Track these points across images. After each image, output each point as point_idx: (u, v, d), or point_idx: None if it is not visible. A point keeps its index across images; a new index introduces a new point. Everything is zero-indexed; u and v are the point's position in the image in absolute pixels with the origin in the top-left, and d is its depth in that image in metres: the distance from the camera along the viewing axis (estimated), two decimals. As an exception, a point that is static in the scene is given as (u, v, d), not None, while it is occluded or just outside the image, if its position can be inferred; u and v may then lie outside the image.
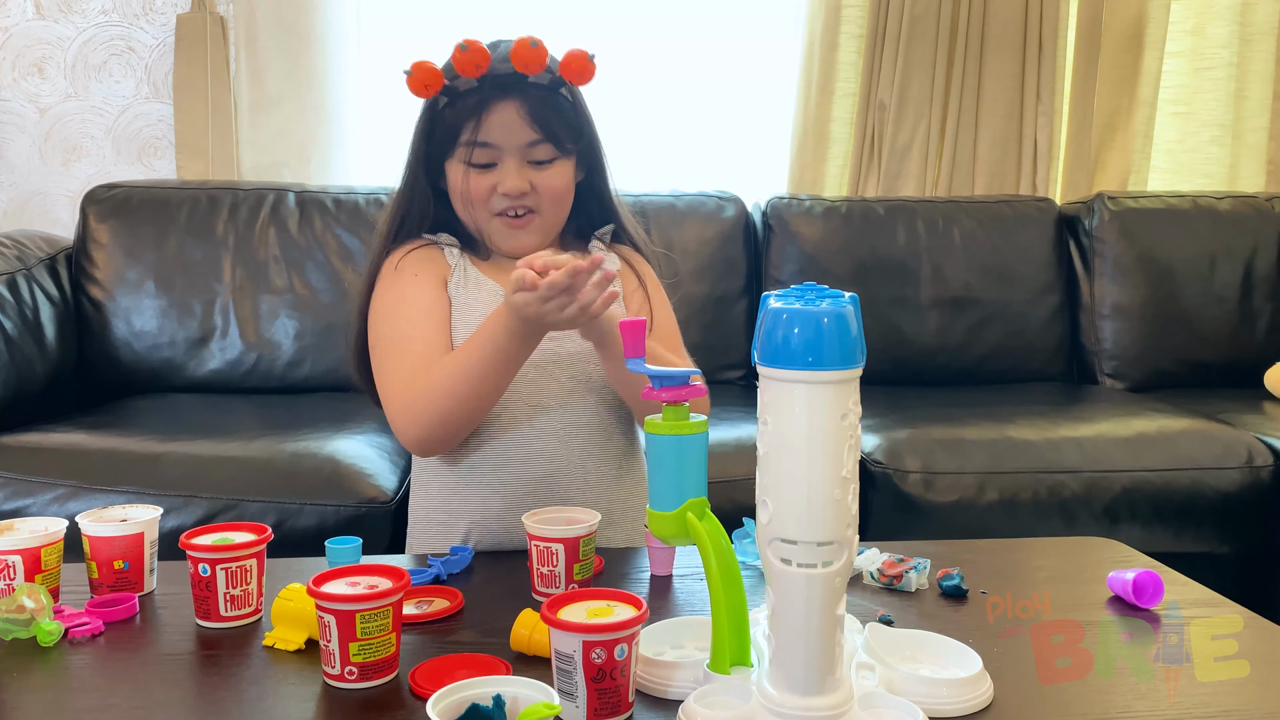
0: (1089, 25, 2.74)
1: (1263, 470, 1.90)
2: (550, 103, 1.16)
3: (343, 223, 2.33)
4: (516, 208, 1.19)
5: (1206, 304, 2.50)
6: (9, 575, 0.98)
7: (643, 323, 0.87)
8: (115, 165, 2.61)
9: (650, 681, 0.84)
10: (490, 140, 1.16)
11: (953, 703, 0.80)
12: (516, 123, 1.15)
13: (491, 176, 1.17)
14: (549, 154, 1.17)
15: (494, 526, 1.22)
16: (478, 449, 1.22)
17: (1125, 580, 1.03)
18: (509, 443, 1.21)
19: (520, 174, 1.16)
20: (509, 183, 1.16)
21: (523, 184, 1.17)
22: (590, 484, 1.23)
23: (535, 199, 1.18)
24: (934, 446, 1.89)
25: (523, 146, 1.16)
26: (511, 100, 1.15)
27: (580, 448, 1.22)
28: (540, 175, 1.18)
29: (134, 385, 2.24)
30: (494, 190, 1.18)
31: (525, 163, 1.17)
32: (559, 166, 1.19)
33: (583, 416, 1.22)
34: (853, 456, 0.74)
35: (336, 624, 0.82)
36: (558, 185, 1.19)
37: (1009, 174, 2.76)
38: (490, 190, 1.18)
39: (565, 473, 1.22)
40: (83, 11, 2.57)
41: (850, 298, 0.75)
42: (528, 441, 1.21)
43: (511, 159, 1.16)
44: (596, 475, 1.23)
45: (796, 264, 2.45)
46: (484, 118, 1.15)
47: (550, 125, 1.16)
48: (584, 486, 1.22)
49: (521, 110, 1.15)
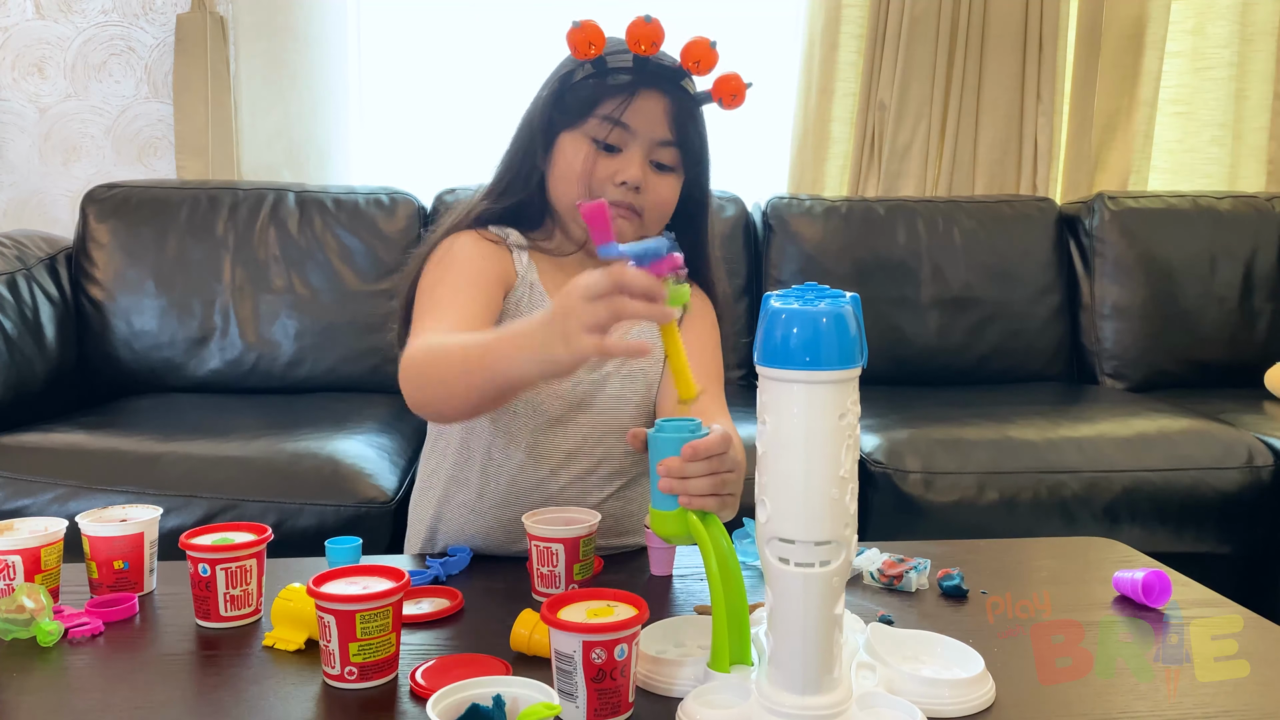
0: (1089, 25, 2.74)
1: (1263, 470, 1.90)
2: (693, 112, 1.13)
3: (343, 223, 2.33)
4: (628, 202, 1.13)
5: (1206, 304, 2.50)
6: (9, 575, 0.98)
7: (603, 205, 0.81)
8: (115, 165, 2.61)
9: (653, 680, 0.84)
10: (630, 123, 1.11)
11: (954, 703, 0.80)
12: (659, 116, 1.11)
13: (614, 162, 1.13)
14: (673, 160, 1.14)
15: (478, 544, 1.21)
16: (469, 473, 1.19)
17: (1134, 580, 1.03)
18: (502, 481, 1.18)
19: (641, 167, 1.12)
20: (631, 170, 1.11)
21: (640, 176, 1.12)
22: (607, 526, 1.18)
23: (644, 200, 1.13)
24: (934, 446, 1.89)
25: (654, 143, 1.12)
26: (661, 94, 1.11)
27: (579, 484, 1.19)
28: (657, 180, 1.13)
29: (134, 385, 2.24)
30: (613, 175, 1.12)
31: (648, 160, 1.13)
32: (674, 179, 1.15)
33: (587, 463, 1.18)
34: (851, 456, 0.74)
35: (336, 624, 0.82)
36: (667, 195, 1.15)
37: (1009, 174, 2.76)
38: (610, 174, 1.12)
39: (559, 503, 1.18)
40: (83, 11, 2.57)
41: (851, 298, 0.75)
42: (517, 480, 1.17)
43: (638, 150, 1.12)
44: (593, 499, 1.20)
45: (796, 264, 2.45)
46: (633, 100, 1.10)
47: (686, 132, 1.12)
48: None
49: (668, 107, 1.11)
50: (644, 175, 1.12)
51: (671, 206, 1.16)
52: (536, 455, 1.17)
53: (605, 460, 1.19)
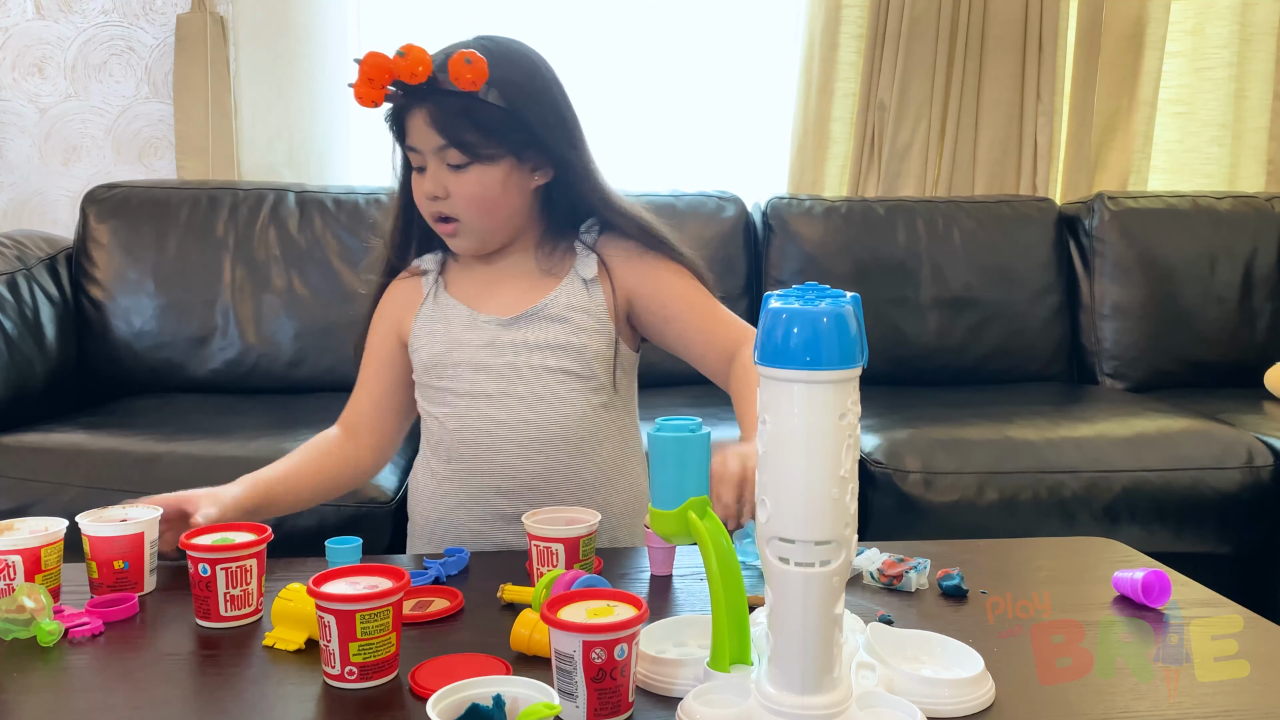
0: (1089, 25, 2.74)
1: (1263, 470, 1.90)
2: (461, 109, 1.15)
3: (343, 223, 2.33)
4: (437, 213, 1.21)
5: (1206, 304, 2.50)
6: (9, 575, 0.98)
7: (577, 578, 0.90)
8: (115, 165, 2.61)
9: (653, 680, 0.84)
10: (414, 144, 1.19)
11: (954, 703, 0.80)
12: (424, 128, 1.17)
13: (421, 180, 1.20)
14: (459, 159, 1.17)
15: (466, 537, 1.24)
16: (447, 461, 1.25)
17: (1134, 580, 1.03)
18: (469, 457, 1.23)
19: (435, 179, 1.18)
20: (423, 185, 1.19)
21: (435, 188, 1.18)
22: (566, 498, 1.22)
23: (452, 205, 1.19)
24: (934, 446, 1.89)
25: (435, 151, 1.17)
26: (422, 108, 1.16)
27: (546, 461, 1.22)
28: (455, 180, 1.18)
29: (134, 385, 2.24)
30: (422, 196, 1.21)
31: (443, 166, 1.18)
32: (474, 172, 1.18)
33: (547, 431, 1.22)
34: (851, 456, 0.74)
35: (336, 624, 0.82)
36: (470, 191, 1.18)
37: (1009, 174, 2.76)
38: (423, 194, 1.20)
39: (532, 488, 1.22)
40: (83, 11, 2.57)
41: (851, 298, 0.75)
42: (488, 456, 1.22)
43: (430, 163, 1.18)
44: (566, 490, 1.22)
45: (796, 264, 2.45)
46: (407, 125, 1.18)
47: (458, 131, 1.16)
48: (562, 501, 1.21)
49: (427, 116, 1.16)
50: (438, 185, 1.18)
51: (486, 197, 1.19)
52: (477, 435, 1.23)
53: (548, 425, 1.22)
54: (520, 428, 1.22)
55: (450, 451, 1.24)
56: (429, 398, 1.26)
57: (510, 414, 1.22)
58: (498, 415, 1.22)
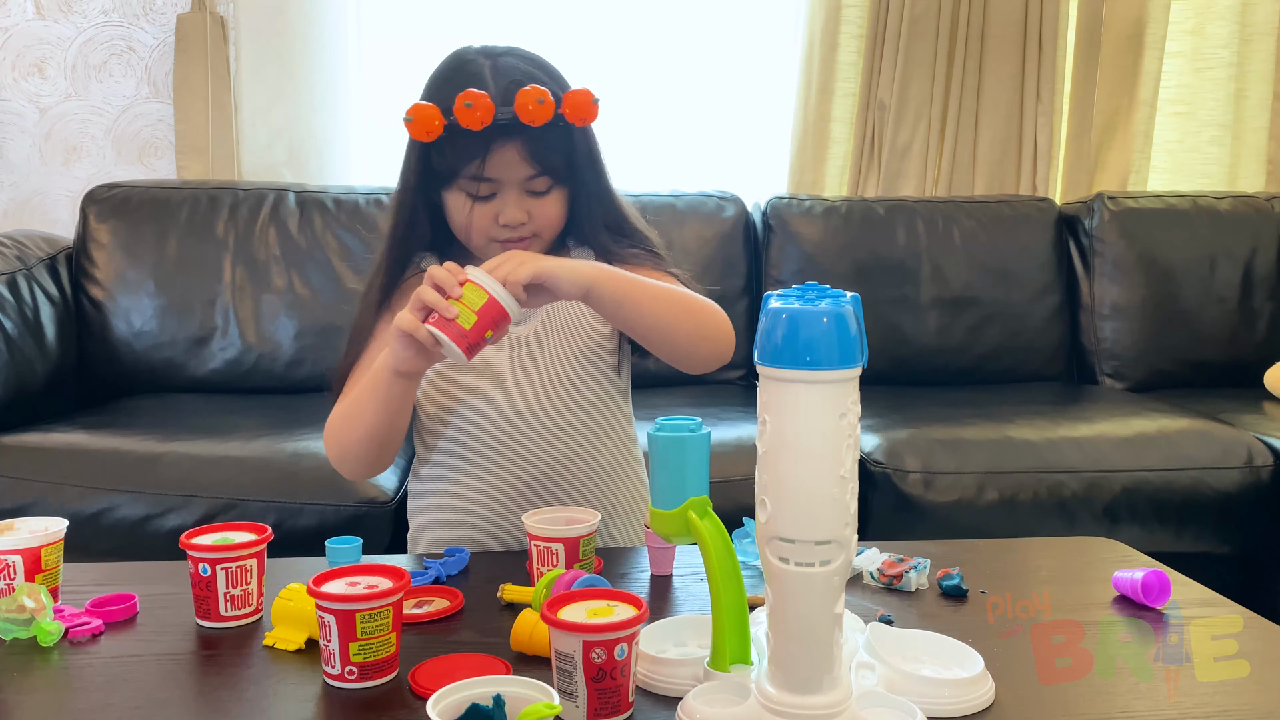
0: (1089, 25, 2.74)
1: (1263, 470, 1.90)
2: (549, 141, 1.17)
3: (343, 223, 2.33)
4: (512, 237, 1.21)
5: (1206, 304, 2.50)
6: (9, 575, 0.98)
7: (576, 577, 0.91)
8: (115, 165, 2.61)
9: (653, 680, 0.84)
10: (493, 175, 1.18)
11: (954, 703, 0.80)
12: (517, 160, 1.17)
13: (493, 206, 1.19)
14: (546, 185, 1.19)
15: (483, 533, 1.24)
16: (461, 456, 1.24)
17: (1134, 580, 1.03)
18: (490, 448, 1.23)
19: (520, 205, 1.19)
20: (510, 213, 1.18)
21: (522, 215, 1.19)
22: (578, 484, 1.24)
23: (534, 226, 1.21)
24: (934, 446, 1.89)
25: (522, 180, 1.18)
26: (513, 141, 1.16)
27: (565, 448, 1.24)
28: (538, 205, 1.20)
29: (134, 385, 2.24)
30: (495, 220, 1.20)
31: (524, 194, 1.19)
32: (555, 194, 1.21)
33: (564, 418, 1.24)
34: (851, 456, 0.74)
35: (336, 624, 0.82)
36: (554, 212, 1.21)
37: (1009, 174, 2.76)
38: (492, 220, 1.20)
39: (552, 475, 1.23)
40: (83, 11, 2.57)
41: (851, 298, 0.75)
42: (509, 446, 1.23)
43: (512, 191, 1.19)
44: (585, 475, 1.25)
45: (796, 264, 2.45)
46: (487, 158, 1.17)
47: (549, 161, 1.17)
48: (572, 488, 1.23)
49: (522, 151, 1.16)
50: (523, 211, 1.18)
51: (562, 215, 1.23)
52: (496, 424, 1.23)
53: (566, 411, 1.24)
54: (541, 415, 1.23)
55: (466, 447, 1.24)
56: (442, 395, 1.26)
57: (530, 402, 1.23)
58: (517, 404, 1.23)
